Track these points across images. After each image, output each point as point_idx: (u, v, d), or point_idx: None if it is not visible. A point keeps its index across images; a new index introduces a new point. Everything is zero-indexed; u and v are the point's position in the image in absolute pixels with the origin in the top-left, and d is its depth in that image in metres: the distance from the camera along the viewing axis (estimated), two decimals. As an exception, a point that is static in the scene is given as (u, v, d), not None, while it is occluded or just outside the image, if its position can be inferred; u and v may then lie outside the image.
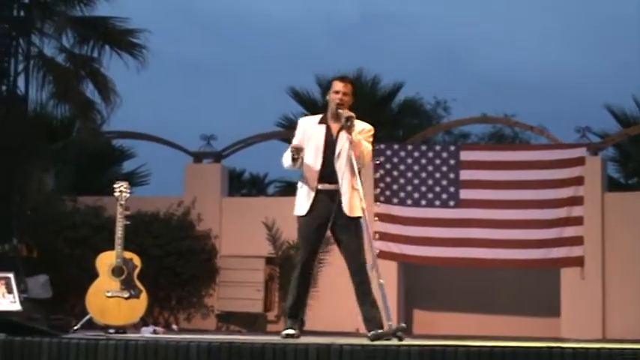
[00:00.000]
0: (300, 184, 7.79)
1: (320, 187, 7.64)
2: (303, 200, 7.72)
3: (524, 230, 13.05)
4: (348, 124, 7.57)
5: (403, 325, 7.25)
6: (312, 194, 7.66)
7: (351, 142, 7.52)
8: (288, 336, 7.51)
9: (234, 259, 13.87)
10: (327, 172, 7.64)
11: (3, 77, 13.01)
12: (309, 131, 7.80)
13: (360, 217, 7.65)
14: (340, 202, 7.56)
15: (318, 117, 7.91)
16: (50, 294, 9.52)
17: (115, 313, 8.52)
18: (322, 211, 7.58)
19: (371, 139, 7.84)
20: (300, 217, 7.75)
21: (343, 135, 7.65)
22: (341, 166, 7.61)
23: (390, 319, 7.15)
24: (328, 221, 7.55)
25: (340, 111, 7.63)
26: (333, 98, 7.76)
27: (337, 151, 7.65)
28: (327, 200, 7.59)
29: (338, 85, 7.80)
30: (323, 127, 7.77)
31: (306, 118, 8.20)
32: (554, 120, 18.12)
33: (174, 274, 13.60)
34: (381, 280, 7.28)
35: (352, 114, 7.63)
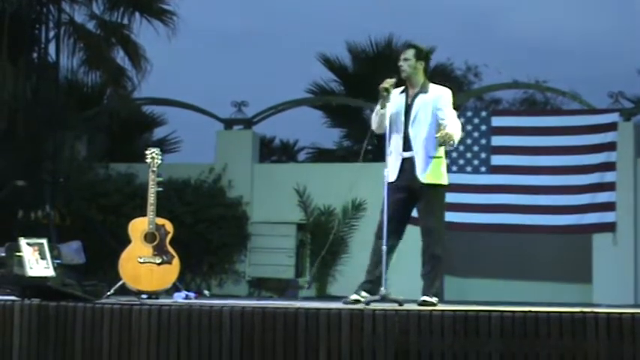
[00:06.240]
0: (388, 151, 7.72)
1: (403, 154, 7.60)
2: (390, 167, 7.63)
3: (556, 196, 13.01)
4: (384, 94, 7.61)
5: (388, 291, 7.16)
6: (398, 161, 7.61)
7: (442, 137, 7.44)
8: (354, 301, 7.23)
9: (265, 226, 13.89)
10: (407, 139, 7.60)
11: (34, 44, 13.05)
12: (394, 100, 7.76)
13: (436, 185, 7.57)
14: (415, 169, 7.50)
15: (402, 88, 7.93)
16: (84, 260, 9.53)
17: (147, 279, 8.53)
18: (404, 178, 7.52)
19: (451, 105, 7.81)
20: (387, 184, 7.57)
21: (418, 101, 7.67)
22: (416, 133, 7.58)
23: (385, 287, 7.14)
24: (408, 188, 7.48)
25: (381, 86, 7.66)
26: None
27: (412, 117, 7.63)
28: (408, 167, 7.53)
29: (400, 55, 7.88)
30: (403, 95, 7.79)
31: (395, 89, 8.12)
32: (586, 85, 17.94)
33: (205, 241, 13.65)
34: (384, 247, 7.26)
35: (385, 85, 7.65)
